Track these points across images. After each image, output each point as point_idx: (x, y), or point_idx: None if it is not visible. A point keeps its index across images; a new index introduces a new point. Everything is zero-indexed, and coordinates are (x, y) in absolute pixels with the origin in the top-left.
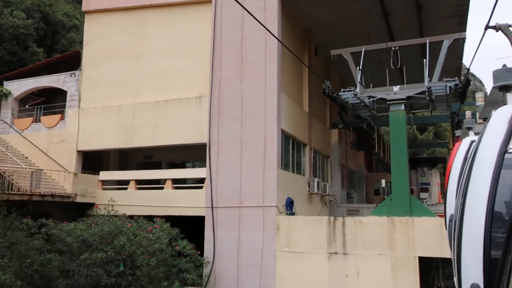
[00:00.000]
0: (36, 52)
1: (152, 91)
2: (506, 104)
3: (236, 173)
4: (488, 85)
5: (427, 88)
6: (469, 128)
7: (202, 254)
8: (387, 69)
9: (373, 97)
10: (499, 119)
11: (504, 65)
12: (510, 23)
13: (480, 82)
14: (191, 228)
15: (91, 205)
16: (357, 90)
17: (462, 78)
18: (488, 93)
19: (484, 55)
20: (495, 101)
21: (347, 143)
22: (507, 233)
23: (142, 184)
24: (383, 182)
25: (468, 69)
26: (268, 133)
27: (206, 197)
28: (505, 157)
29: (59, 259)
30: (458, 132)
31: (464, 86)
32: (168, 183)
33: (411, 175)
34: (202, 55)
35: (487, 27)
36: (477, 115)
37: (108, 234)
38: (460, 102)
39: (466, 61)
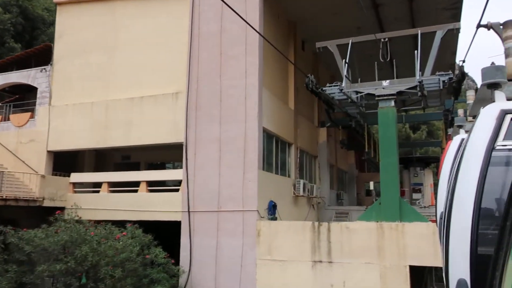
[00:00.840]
0: (14, 48)
1: (127, 87)
2: (494, 101)
3: (214, 175)
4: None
5: (419, 82)
6: (460, 126)
7: (178, 263)
8: (375, 63)
9: (360, 92)
10: (487, 116)
11: (493, 63)
12: (501, 22)
13: (473, 81)
14: (168, 234)
15: (62, 210)
16: (343, 84)
17: (456, 72)
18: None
19: (477, 54)
20: (483, 99)
21: (336, 142)
22: (500, 230)
23: (117, 186)
24: (371, 184)
25: (463, 61)
26: (248, 132)
27: (183, 201)
28: (492, 154)
29: (16, 270)
30: (451, 131)
31: (458, 80)
32: (143, 185)
33: (403, 176)
34: (179, 49)
35: (479, 25)
36: (468, 113)
37: (70, 243)
38: (454, 98)
39: (459, 59)
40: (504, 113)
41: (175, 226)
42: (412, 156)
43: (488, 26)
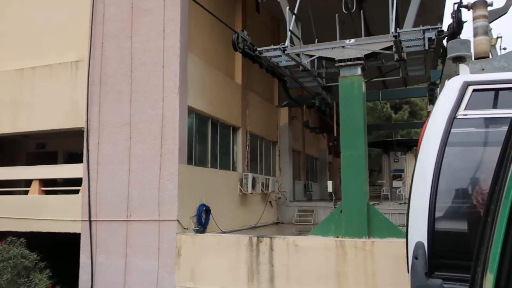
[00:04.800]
0: None
1: (15, 55)
2: (458, 74)
3: (123, 171)
4: None
5: (394, 36)
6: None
7: None
8: (336, 16)
9: (312, 55)
10: (450, 88)
11: (459, 37)
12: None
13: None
14: (72, 249)
15: None
16: (286, 43)
17: (450, 22)
18: None
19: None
20: (450, 74)
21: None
22: (481, 226)
23: (4, 186)
24: (329, 184)
25: (460, 4)
26: (167, 114)
27: (83, 206)
28: (453, 123)
29: None
30: (430, 108)
31: (453, 34)
32: (35, 185)
33: (383, 161)
34: (82, 3)
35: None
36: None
37: None
38: (444, 65)
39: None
40: (466, 84)
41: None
42: (392, 139)
43: (469, 7)
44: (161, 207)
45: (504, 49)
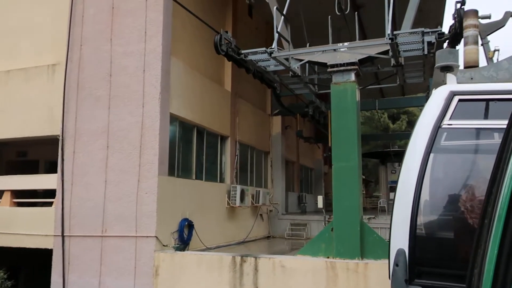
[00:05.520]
0: None
1: None
2: (445, 83)
3: (99, 183)
4: None
5: (390, 39)
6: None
7: None
8: (329, 18)
9: (301, 60)
10: (436, 97)
11: (447, 47)
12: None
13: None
14: (44, 266)
15: None
16: (273, 45)
17: (453, 23)
18: None
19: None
20: (438, 82)
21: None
22: (478, 229)
23: None
24: (320, 200)
25: (462, 2)
26: (147, 121)
27: (56, 220)
28: (438, 132)
29: None
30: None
31: (455, 36)
32: (6, 196)
33: (380, 172)
34: (60, 4)
35: None
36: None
37: None
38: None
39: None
40: (452, 94)
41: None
42: (389, 150)
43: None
44: (139, 222)
45: None
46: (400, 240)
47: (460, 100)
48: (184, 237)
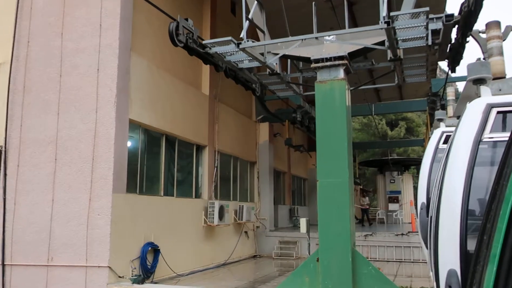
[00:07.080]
0: None
1: None
2: (479, 96)
3: (45, 202)
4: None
5: (386, 22)
6: (440, 120)
7: None
8: (313, 3)
9: (276, 53)
10: (474, 110)
11: (478, 59)
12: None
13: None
14: None
15: None
16: (242, 34)
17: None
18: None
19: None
20: (469, 95)
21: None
22: (481, 226)
23: None
24: (303, 223)
25: None
26: (101, 129)
27: None
28: (480, 146)
29: None
30: (433, 130)
31: (467, 17)
32: None
33: (378, 182)
34: None
35: None
36: (450, 109)
37: None
38: (451, 67)
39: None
40: (490, 107)
41: None
42: (387, 158)
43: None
44: (90, 248)
45: None
46: (450, 260)
47: (498, 112)
48: (147, 265)
